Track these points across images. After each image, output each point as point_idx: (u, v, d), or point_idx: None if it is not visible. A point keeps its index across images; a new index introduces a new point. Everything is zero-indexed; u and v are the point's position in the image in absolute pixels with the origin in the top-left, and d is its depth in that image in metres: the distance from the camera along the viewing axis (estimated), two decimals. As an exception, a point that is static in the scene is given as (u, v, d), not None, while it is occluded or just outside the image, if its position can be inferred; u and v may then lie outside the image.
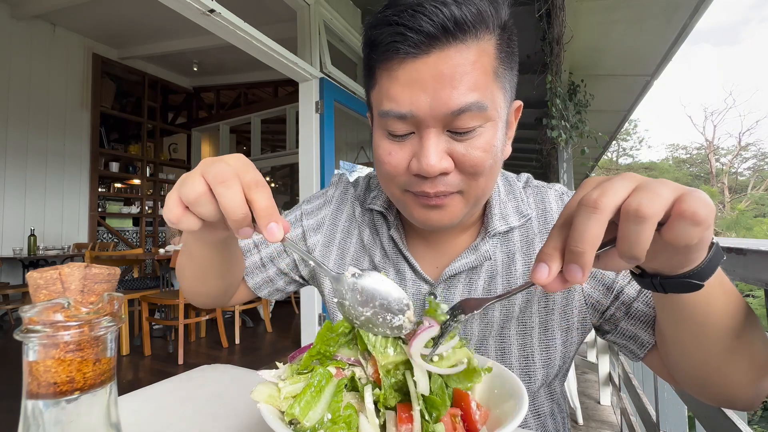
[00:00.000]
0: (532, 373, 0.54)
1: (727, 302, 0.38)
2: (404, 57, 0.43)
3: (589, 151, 4.11)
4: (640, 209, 0.27)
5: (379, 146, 0.49)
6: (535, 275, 0.30)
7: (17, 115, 4.49)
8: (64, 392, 0.24)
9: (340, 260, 0.64)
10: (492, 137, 0.46)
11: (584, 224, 0.28)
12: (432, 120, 0.44)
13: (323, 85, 2.79)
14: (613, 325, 0.53)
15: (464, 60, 0.42)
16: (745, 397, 0.42)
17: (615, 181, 0.29)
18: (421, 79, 0.43)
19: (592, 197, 0.28)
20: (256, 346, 3.47)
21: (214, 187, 0.33)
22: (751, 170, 24.38)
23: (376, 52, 0.46)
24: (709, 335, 0.39)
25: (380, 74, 0.46)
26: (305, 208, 0.69)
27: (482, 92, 0.43)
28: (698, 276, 0.32)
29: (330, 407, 0.32)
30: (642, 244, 0.27)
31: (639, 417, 1.37)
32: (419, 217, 0.51)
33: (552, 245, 0.30)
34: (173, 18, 2.53)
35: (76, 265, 0.26)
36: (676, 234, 0.27)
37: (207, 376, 0.59)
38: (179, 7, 1.85)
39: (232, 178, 0.33)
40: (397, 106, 0.44)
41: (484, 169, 0.46)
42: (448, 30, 0.41)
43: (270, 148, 8.74)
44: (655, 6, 2.90)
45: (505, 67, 0.47)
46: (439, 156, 0.44)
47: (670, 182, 0.28)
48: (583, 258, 0.28)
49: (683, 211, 0.27)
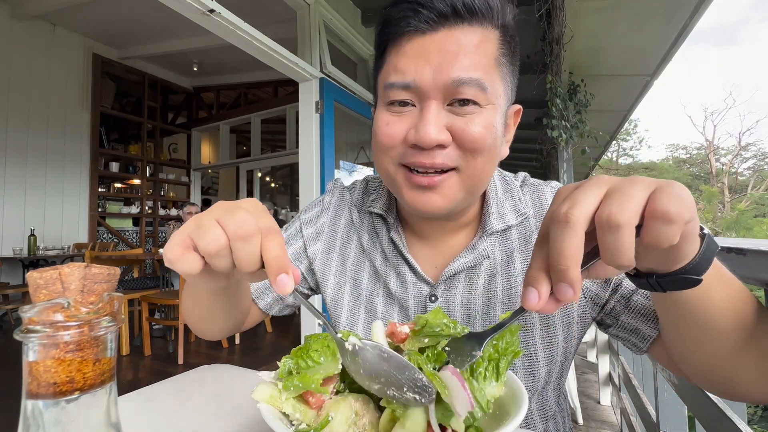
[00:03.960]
0: (535, 372, 0.54)
1: (729, 296, 0.37)
2: (413, 32, 0.46)
3: (589, 150, 4.11)
4: (611, 218, 0.26)
5: (379, 118, 0.50)
6: (526, 301, 0.29)
7: (17, 115, 4.49)
8: (64, 392, 0.24)
9: (341, 266, 0.64)
10: (492, 118, 0.47)
11: (560, 241, 0.27)
12: (434, 90, 0.45)
13: (323, 85, 2.79)
14: (614, 318, 0.53)
15: (469, 41, 0.45)
16: (756, 391, 0.41)
17: (584, 189, 0.28)
18: (426, 53, 0.45)
19: (561, 211, 0.27)
20: (256, 346, 3.47)
21: (234, 241, 0.30)
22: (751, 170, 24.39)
23: (388, 27, 0.49)
24: (712, 331, 0.38)
25: (389, 51, 0.49)
26: (304, 218, 0.69)
27: (483, 72, 0.46)
28: (695, 270, 0.31)
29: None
30: (624, 252, 0.26)
31: (639, 417, 1.37)
32: (410, 200, 0.50)
33: (536, 267, 0.29)
34: (173, 18, 2.53)
35: (76, 265, 0.26)
36: (654, 237, 0.26)
37: (207, 376, 0.59)
38: (179, 7, 1.85)
39: (255, 233, 0.31)
40: (402, 76, 0.46)
41: (484, 146, 0.46)
42: (458, 11, 0.45)
43: (270, 148, 8.74)
44: (655, 6, 2.90)
45: (506, 59, 0.49)
46: (438, 127, 0.45)
47: (641, 180, 0.27)
48: (569, 275, 0.27)
49: (654, 212, 0.26)
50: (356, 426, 0.32)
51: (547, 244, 0.29)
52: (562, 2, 2.70)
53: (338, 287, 0.63)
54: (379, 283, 0.61)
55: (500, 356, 0.34)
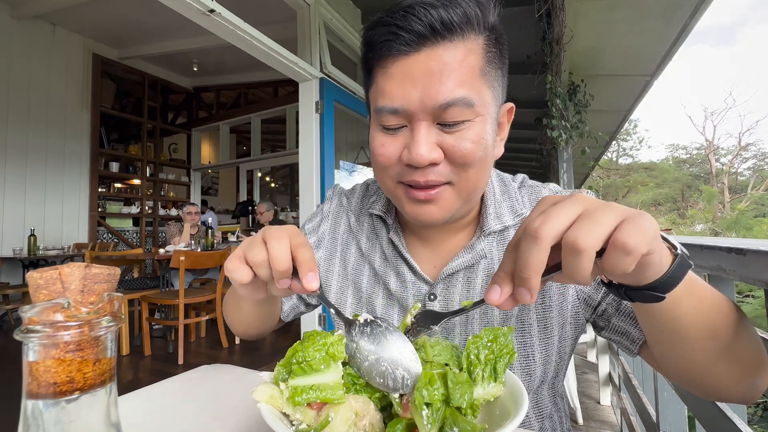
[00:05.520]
0: (532, 372, 0.55)
1: (700, 309, 0.39)
2: (396, 54, 0.46)
3: (589, 151, 4.11)
4: (576, 243, 0.28)
5: (374, 139, 0.51)
6: (489, 296, 0.33)
7: (17, 115, 4.49)
8: (64, 392, 0.24)
9: (343, 271, 0.65)
10: (481, 131, 0.48)
11: (527, 252, 0.30)
12: (422, 113, 0.46)
13: (323, 85, 2.79)
14: (607, 321, 0.54)
15: (451, 58, 0.45)
16: (734, 392, 0.43)
17: (559, 208, 0.30)
18: (411, 75, 0.46)
19: (533, 226, 0.30)
20: (256, 346, 3.47)
21: (267, 241, 0.39)
22: (751, 170, 24.39)
23: (372, 51, 0.49)
24: (683, 340, 0.40)
25: (376, 73, 0.50)
26: (307, 228, 0.71)
27: (469, 88, 0.46)
28: (660, 288, 0.33)
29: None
30: (582, 273, 0.29)
31: (639, 417, 1.37)
32: (411, 212, 0.52)
33: (504, 269, 0.33)
34: (173, 18, 2.53)
35: (76, 265, 0.26)
36: (611, 264, 0.29)
37: (207, 376, 0.59)
38: (179, 7, 1.85)
39: (283, 237, 0.39)
40: (390, 101, 0.47)
41: (474, 160, 0.48)
42: (436, 30, 0.45)
43: (270, 148, 8.75)
44: (655, 6, 2.90)
45: (492, 66, 0.49)
46: (429, 147, 0.46)
47: (616, 207, 0.29)
48: (529, 283, 0.31)
49: (615, 241, 0.28)
50: (356, 427, 0.32)
51: (517, 250, 0.32)
52: (562, 2, 2.70)
53: (341, 291, 0.65)
54: (379, 284, 0.62)
55: (496, 358, 0.36)
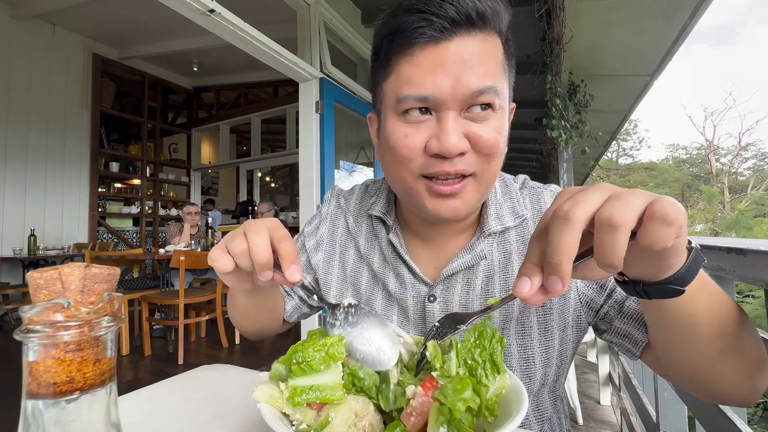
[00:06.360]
0: (532, 374, 0.54)
1: (712, 305, 0.39)
2: (426, 42, 0.45)
3: (589, 151, 4.11)
4: (612, 218, 0.27)
5: (395, 132, 0.49)
6: (518, 289, 0.31)
7: (17, 115, 4.49)
8: (64, 392, 0.24)
9: (342, 273, 0.65)
10: (502, 123, 0.49)
11: (558, 236, 0.29)
12: (452, 102, 0.46)
13: (323, 85, 2.79)
14: (608, 323, 0.53)
15: (481, 49, 0.46)
16: (738, 394, 0.43)
17: (588, 192, 0.30)
18: (442, 63, 0.45)
19: (564, 209, 0.29)
20: (256, 346, 3.47)
21: (248, 234, 0.40)
22: (751, 170, 24.35)
23: (398, 38, 0.47)
24: (694, 337, 0.40)
25: (398, 62, 0.48)
26: (306, 231, 0.71)
27: (496, 79, 0.46)
28: (679, 281, 0.33)
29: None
30: (617, 252, 0.28)
31: (639, 417, 1.37)
32: (432, 208, 0.50)
33: (531, 259, 0.32)
34: (173, 18, 2.52)
35: (76, 265, 0.26)
36: (651, 237, 0.28)
37: (207, 376, 0.59)
38: (179, 7, 1.85)
39: (262, 229, 0.40)
40: (418, 89, 0.46)
41: (498, 150, 0.48)
42: (471, 19, 0.45)
43: (270, 148, 8.75)
44: (655, 6, 2.90)
45: (508, 64, 0.50)
46: (459, 136, 0.46)
47: (641, 191, 0.29)
48: (561, 269, 0.29)
49: (653, 213, 0.27)
50: (356, 427, 0.32)
51: (544, 239, 0.31)
52: (562, 2, 2.70)
53: (340, 293, 0.64)
54: (378, 286, 0.61)
55: (490, 351, 0.36)
